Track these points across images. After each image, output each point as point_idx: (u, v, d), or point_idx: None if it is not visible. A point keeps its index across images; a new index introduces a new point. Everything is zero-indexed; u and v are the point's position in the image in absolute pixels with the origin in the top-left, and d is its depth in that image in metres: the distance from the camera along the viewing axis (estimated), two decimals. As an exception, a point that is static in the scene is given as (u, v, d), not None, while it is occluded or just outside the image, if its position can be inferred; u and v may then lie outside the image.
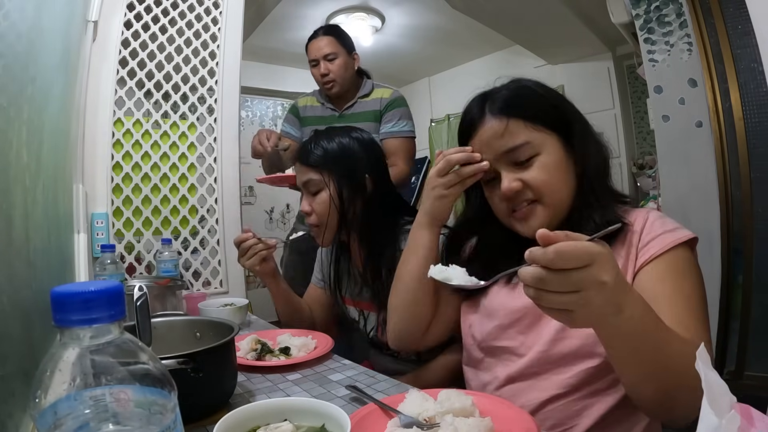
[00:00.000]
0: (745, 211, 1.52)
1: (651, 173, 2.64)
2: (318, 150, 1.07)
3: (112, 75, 1.46)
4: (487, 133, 0.75)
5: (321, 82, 1.75)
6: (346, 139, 1.08)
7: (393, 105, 1.75)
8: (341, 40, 1.74)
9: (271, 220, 4.01)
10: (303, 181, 1.08)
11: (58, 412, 0.31)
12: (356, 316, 1.17)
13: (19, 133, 0.66)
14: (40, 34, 0.81)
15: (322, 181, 1.05)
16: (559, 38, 3.05)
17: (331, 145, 1.07)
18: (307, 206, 1.08)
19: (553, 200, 0.73)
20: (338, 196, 1.04)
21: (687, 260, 0.69)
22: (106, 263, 1.25)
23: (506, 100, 0.75)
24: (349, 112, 1.77)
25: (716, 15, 1.54)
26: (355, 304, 1.16)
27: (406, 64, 3.98)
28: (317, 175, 1.05)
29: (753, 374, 1.53)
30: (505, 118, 0.73)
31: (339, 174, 1.05)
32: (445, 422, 0.58)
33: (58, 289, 0.32)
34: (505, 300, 0.80)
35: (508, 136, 0.73)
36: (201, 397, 0.67)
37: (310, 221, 1.09)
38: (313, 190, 1.07)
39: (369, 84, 1.80)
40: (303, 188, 1.10)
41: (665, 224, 0.71)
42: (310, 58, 1.75)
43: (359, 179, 1.06)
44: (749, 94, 1.50)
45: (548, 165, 0.73)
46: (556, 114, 0.75)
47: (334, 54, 1.71)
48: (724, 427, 0.34)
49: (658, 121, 1.69)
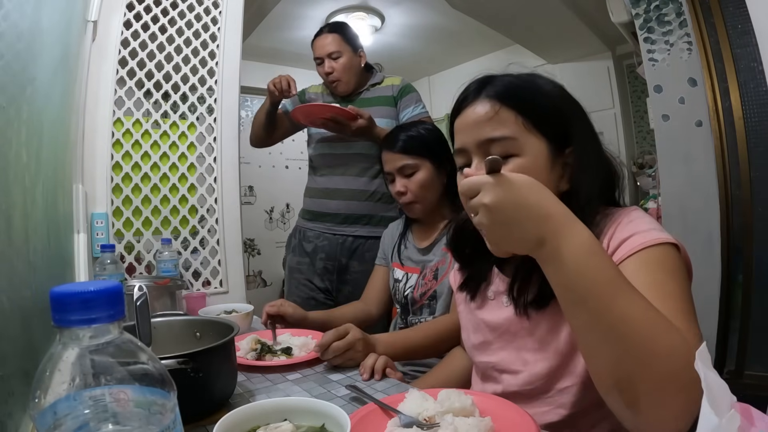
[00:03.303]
0: (745, 210, 1.52)
1: (651, 172, 2.64)
2: (407, 139, 1.26)
3: (112, 75, 1.46)
4: (473, 115, 0.68)
5: (326, 80, 1.74)
6: (423, 129, 1.30)
7: (406, 90, 1.75)
8: (346, 38, 1.72)
9: (271, 220, 4.00)
10: (398, 167, 1.25)
11: (57, 412, 0.31)
12: (400, 276, 1.32)
13: (18, 133, 0.66)
14: (40, 34, 0.81)
15: (416, 164, 1.24)
16: (559, 38, 3.05)
17: (418, 134, 1.27)
18: (402, 187, 1.25)
19: None
20: (431, 175, 1.25)
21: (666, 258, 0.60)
22: (105, 263, 1.25)
23: (506, 86, 0.68)
24: (360, 98, 1.75)
25: (716, 14, 1.53)
26: (403, 267, 1.33)
27: (406, 64, 3.97)
28: (411, 159, 1.24)
29: (753, 373, 1.53)
30: (498, 104, 0.67)
31: (429, 158, 1.25)
32: (445, 422, 0.58)
33: (57, 289, 0.32)
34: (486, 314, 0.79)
35: (495, 124, 0.66)
36: (201, 397, 0.67)
37: (404, 199, 1.26)
38: (409, 173, 1.25)
39: (380, 74, 1.80)
40: (397, 172, 1.26)
41: (639, 225, 0.63)
42: (315, 55, 1.73)
43: (442, 161, 1.26)
44: (749, 94, 1.50)
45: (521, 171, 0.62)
46: (556, 118, 0.68)
47: (339, 52, 1.69)
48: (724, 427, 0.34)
49: (657, 120, 1.69)
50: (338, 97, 1.76)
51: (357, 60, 1.73)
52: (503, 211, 0.52)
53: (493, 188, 0.52)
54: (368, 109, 1.63)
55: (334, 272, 1.68)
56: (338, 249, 1.67)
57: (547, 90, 0.71)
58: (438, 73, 4.34)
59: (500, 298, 0.77)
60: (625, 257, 0.60)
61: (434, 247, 1.27)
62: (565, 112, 0.70)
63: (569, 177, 0.69)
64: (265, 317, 1.14)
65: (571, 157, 0.69)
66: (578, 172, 0.68)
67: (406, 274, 1.31)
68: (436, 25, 3.25)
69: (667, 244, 0.60)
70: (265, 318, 1.15)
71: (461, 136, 0.70)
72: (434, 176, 1.25)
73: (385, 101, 1.73)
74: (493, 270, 0.80)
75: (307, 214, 1.76)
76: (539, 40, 3.18)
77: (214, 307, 1.26)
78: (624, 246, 0.62)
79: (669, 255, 0.60)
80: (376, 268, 1.44)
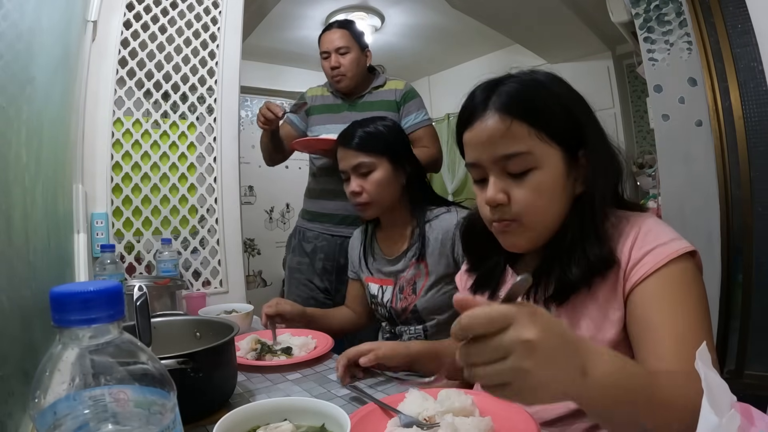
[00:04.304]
0: (745, 210, 1.52)
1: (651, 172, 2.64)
2: (364, 135, 1.19)
3: (112, 75, 1.46)
4: (485, 131, 0.66)
5: (330, 75, 1.72)
6: (382, 126, 1.22)
7: (409, 96, 1.74)
8: (355, 36, 1.72)
9: (271, 220, 4.00)
10: (353, 165, 1.18)
11: (57, 412, 0.31)
12: (375, 291, 1.26)
13: (18, 133, 0.66)
14: (40, 34, 0.81)
15: (373, 163, 1.17)
16: (559, 37, 3.05)
17: (376, 130, 1.20)
18: (357, 186, 1.18)
19: (534, 223, 0.67)
20: (389, 175, 1.18)
21: (685, 273, 0.62)
22: (105, 263, 1.25)
23: (515, 98, 0.66)
24: (362, 101, 1.74)
25: (716, 14, 1.53)
26: (375, 280, 1.28)
27: (406, 64, 3.98)
28: (367, 158, 1.17)
29: (753, 373, 1.53)
30: (509, 118, 0.64)
31: (388, 156, 1.18)
32: (445, 422, 0.58)
33: (57, 289, 0.32)
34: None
35: (509, 140, 0.64)
36: (201, 397, 0.67)
37: (359, 200, 1.19)
38: (364, 172, 1.18)
39: (382, 76, 1.79)
40: (352, 171, 1.19)
41: (659, 236, 0.64)
42: (322, 49, 1.71)
43: (401, 161, 1.20)
44: (749, 93, 1.50)
45: (542, 184, 0.65)
46: (568, 123, 0.67)
47: (347, 48, 1.68)
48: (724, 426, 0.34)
49: (657, 120, 1.69)
50: (340, 98, 1.75)
51: (363, 58, 1.73)
52: (551, 347, 0.41)
53: (533, 319, 0.40)
54: (370, 112, 1.62)
55: (333, 272, 1.68)
56: (337, 249, 1.67)
57: (550, 89, 0.68)
58: (438, 73, 4.34)
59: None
60: (650, 273, 0.61)
61: (404, 257, 1.21)
62: (575, 114, 0.68)
63: (583, 179, 0.68)
64: (265, 319, 1.14)
65: (584, 159, 0.68)
66: (592, 173, 0.67)
67: (381, 287, 1.26)
68: (436, 25, 3.25)
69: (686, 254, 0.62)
70: (265, 320, 1.14)
71: (474, 152, 0.69)
72: (392, 176, 1.18)
73: (388, 106, 1.72)
74: (507, 271, 0.78)
75: (307, 215, 1.76)
76: (539, 40, 3.18)
77: (214, 307, 1.26)
78: (649, 258, 0.62)
79: (688, 270, 0.62)
80: (350, 283, 1.38)
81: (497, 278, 0.79)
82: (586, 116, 0.69)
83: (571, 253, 0.66)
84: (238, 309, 1.25)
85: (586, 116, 0.69)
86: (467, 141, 0.70)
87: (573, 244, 0.66)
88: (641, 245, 0.63)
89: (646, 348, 0.60)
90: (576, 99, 0.70)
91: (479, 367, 0.41)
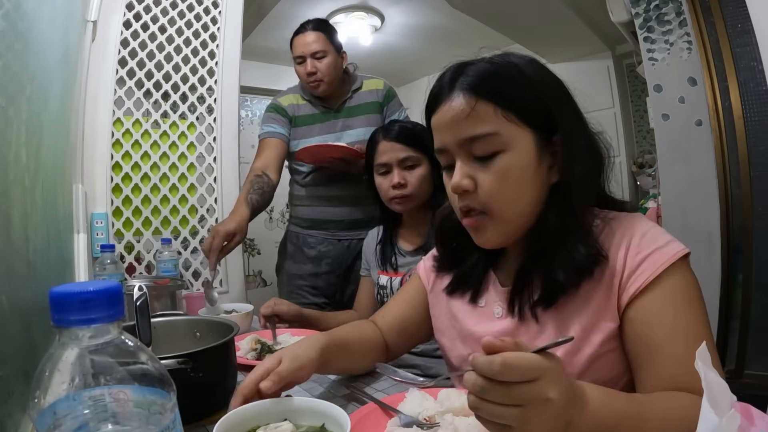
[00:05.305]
0: (745, 209, 1.52)
1: (651, 172, 2.64)
2: (411, 131, 1.22)
3: (112, 75, 1.46)
4: (449, 112, 0.63)
5: (306, 81, 1.61)
6: (421, 128, 1.23)
7: (390, 95, 1.70)
8: (331, 38, 1.63)
9: (271, 220, 4.00)
10: (400, 158, 1.21)
11: (57, 412, 0.31)
12: (384, 282, 1.29)
13: (18, 133, 0.66)
14: (40, 34, 0.81)
15: (418, 158, 1.21)
16: (559, 37, 3.05)
17: (420, 129, 1.22)
18: (402, 179, 1.20)
19: (504, 213, 0.63)
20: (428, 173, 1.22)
21: (685, 281, 0.59)
22: (105, 263, 1.25)
23: (480, 76, 0.62)
24: (346, 106, 1.67)
25: (716, 13, 1.54)
26: (387, 273, 1.31)
27: (406, 64, 3.97)
28: (414, 152, 1.20)
29: (753, 373, 1.53)
30: (474, 97, 0.61)
31: (428, 155, 1.20)
32: (445, 421, 0.58)
33: (56, 289, 0.32)
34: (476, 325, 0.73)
35: (473, 120, 0.61)
36: (201, 397, 0.67)
37: (401, 192, 1.20)
38: (409, 165, 1.21)
39: (359, 78, 1.71)
40: (397, 164, 1.21)
41: (656, 239, 0.60)
42: (296, 54, 1.62)
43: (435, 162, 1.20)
44: (749, 93, 1.50)
45: (511, 168, 0.61)
46: (540, 104, 0.62)
47: (323, 52, 1.58)
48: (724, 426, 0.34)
49: (657, 119, 1.69)
50: (321, 105, 1.66)
51: (340, 61, 1.64)
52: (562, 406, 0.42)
53: (559, 380, 0.41)
54: (357, 118, 1.58)
55: (340, 274, 1.66)
56: (344, 252, 1.64)
57: (523, 70, 0.63)
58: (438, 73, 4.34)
59: (492, 308, 0.71)
60: (648, 283, 0.59)
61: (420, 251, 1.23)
62: (548, 95, 0.63)
63: (559, 167, 0.63)
64: (263, 321, 1.12)
65: (559, 144, 0.63)
66: (567, 159, 0.62)
67: (390, 279, 1.29)
68: (436, 25, 3.25)
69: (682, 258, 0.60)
70: (263, 322, 1.13)
71: (440, 136, 0.65)
72: (430, 174, 1.22)
73: (372, 108, 1.66)
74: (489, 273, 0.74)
75: (305, 222, 1.70)
76: (539, 40, 3.18)
77: (214, 307, 1.25)
78: (646, 265, 0.59)
79: (686, 278, 0.60)
80: (363, 281, 1.39)
81: (478, 281, 0.74)
82: (562, 98, 0.65)
83: (555, 252, 0.62)
84: (238, 309, 1.25)
85: (562, 98, 0.65)
86: (434, 125, 0.67)
87: (555, 240, 0.62)
88: (636, 251, 0.60)
89: (647, 369, 0.58)
90: (550, 80, 0.66)
91: (490, 404, 0.41)
